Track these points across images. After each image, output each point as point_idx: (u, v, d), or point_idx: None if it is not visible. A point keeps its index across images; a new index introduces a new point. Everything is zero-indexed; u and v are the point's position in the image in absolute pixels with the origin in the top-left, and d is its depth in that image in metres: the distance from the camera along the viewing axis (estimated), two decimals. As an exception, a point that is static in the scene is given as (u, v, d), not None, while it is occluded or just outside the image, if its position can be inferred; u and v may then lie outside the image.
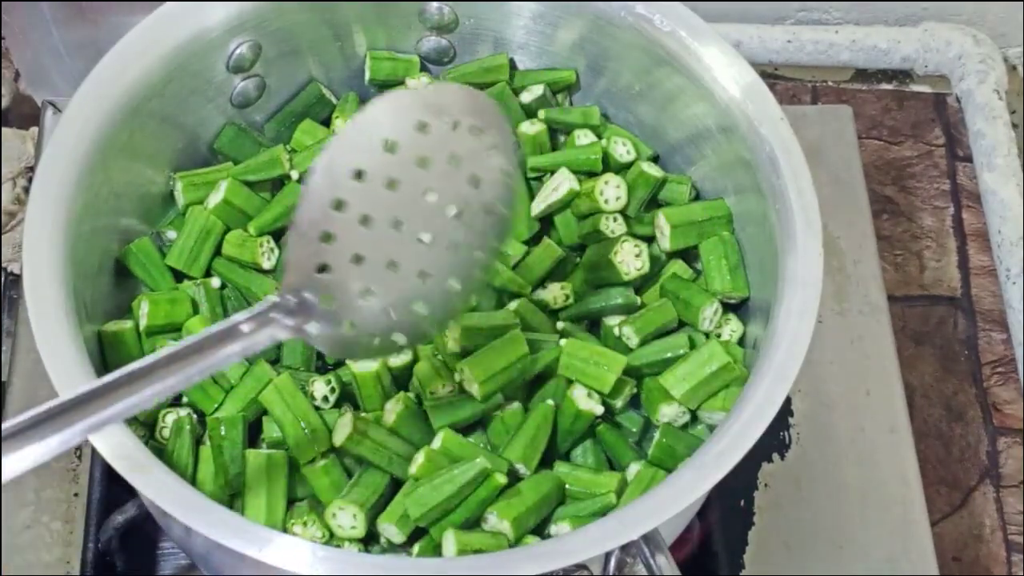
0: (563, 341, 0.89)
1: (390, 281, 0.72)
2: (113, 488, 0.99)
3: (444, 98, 0.71)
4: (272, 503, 0.84)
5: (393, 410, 0.86)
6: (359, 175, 0.69)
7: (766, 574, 1.01)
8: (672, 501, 0.75)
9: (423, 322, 0.76)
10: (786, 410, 1.07)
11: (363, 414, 0.87)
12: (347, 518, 0.83)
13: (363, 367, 0.87)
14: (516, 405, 0.88)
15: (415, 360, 0.89)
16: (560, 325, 0.93)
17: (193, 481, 0.85)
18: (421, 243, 0.73)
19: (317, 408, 0.88)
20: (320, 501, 0.85)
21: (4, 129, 1.29)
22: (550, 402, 0.88)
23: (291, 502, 0.86)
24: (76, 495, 1.00)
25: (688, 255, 0.96)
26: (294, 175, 0.96)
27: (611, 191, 0.94)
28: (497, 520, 0.82)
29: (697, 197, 0.98)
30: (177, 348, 0.68)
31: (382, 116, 0.69)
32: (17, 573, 0.97)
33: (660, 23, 0.93)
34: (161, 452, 0.85)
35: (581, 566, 0.73)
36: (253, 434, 0.89)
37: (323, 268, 0.71)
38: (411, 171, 0.71)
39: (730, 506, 1.03)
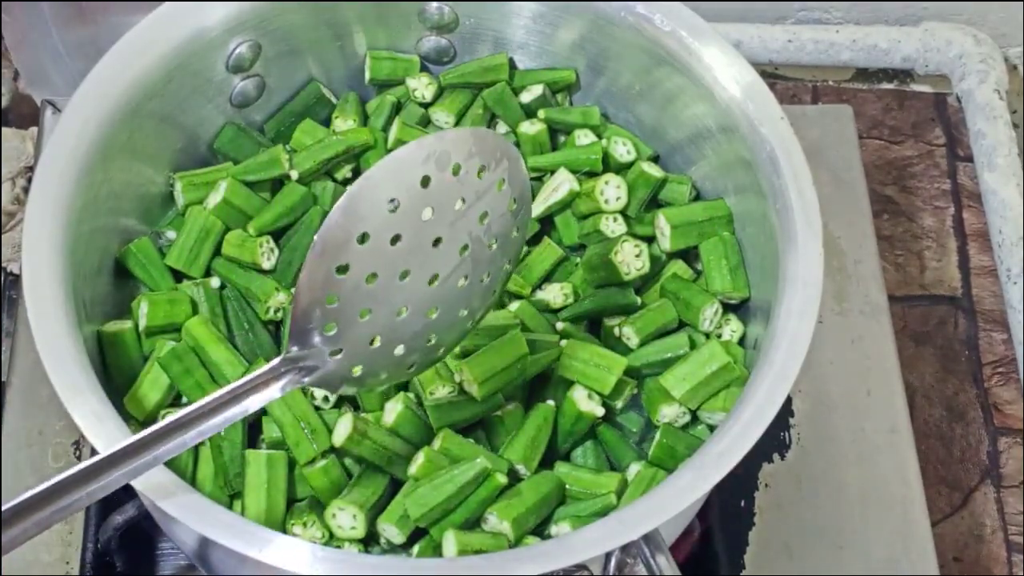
0: (563, 342, 0.89)
1: (398, 325, 0.75)
2: (113, 488, 0.98)
3: (444, 145, 0.71)
4: (272, 503, 0.84)
5: (393, 410, 0.86)
6: (363, 239, 0.70)
7: (766, 574, 1.01)
8: (672, 501, 0.75)
9: (433, 350, 0.78)
10: (786, 410, 1.07)
11: (363, 414, 0.86)
12: (347, 518, 0.83)
13: None
14: (515, 405, 0.88)
15: None
16: (560, 326, 0.92)
17: (193, 481, 0.85)
18: (430, 286, 0.74)
19: (317, 408, 0.88)
20: (320, 501, 0.85)
21: (4, 129, 1.29)
22: (550, 402, 0.88)
23: (291, 502, 0.85)
24: (76, 495, 1.00)
25: (688, 255, 0.96)
26: (294, 175, 0.96)
27: (611, 191, 0.94)
28: (497, 520, 0.82)
29: (697, 197, 0.98)
30: (192, 408, 0.72)
31: (384, 177, 0.70)
32: (17, 573, 0.97)
33: (660, 23, 0.93)
34: (161, 452, 0.85)
35: (581, 566, 0.73)
36: (253, 434, 0.88)
37: (329, 326, 0.72)
38: (416, 225, 0.72)
39: (730, 506, 1.03)
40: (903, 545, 1.02)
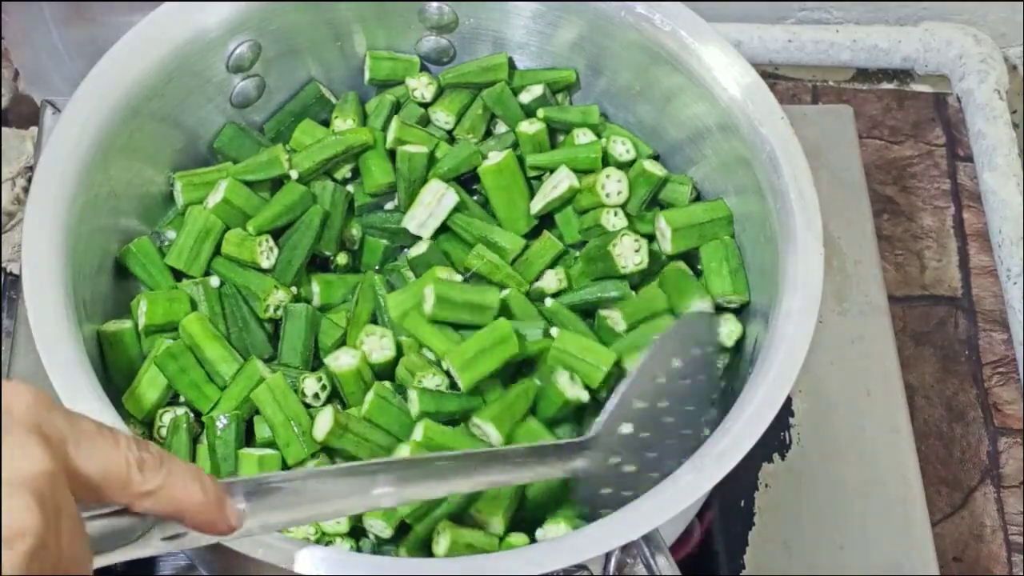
0: (555, 331, 0.89)
1: (646, 459, 0.82)
2: (113, 488, 0.98)
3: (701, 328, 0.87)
4: None
5: (367, 400, 0.86)
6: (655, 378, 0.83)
7: (766, 574, 1.01)
8: (672, 501, 0.75)
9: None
10: (786, 410, 1.07)
11: (346, 410, 0.86)
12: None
13: (342, 365, 0.87)
14: (497, 383, 0.88)
15: (399, 355, 0.89)
16: (549, 302, 0.92)
17: None
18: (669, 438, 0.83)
19: (308, 406, 0.88)
20: None
21: (4, 129, 1.29)
22: (535, 380, 0.87)
23: None
24: (76, 495, 1.00)
25: (689, 257, 0.96)
26: (293, 175, 0.95)
27: (612, 185, 0.94)
28: (484, 517, 0.82)
29: (698, 197, 0.98)
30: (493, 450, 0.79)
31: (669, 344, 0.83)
32: (17, 573, 0.97)
33: (660, 23, 0.93)
34: (160, 452, 0.85)
35: (581, 566, 0.73)
36: (250, 432, 0.88)
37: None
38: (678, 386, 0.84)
39: (730, 506, 1.03)
40: (903, 545, 1.02)
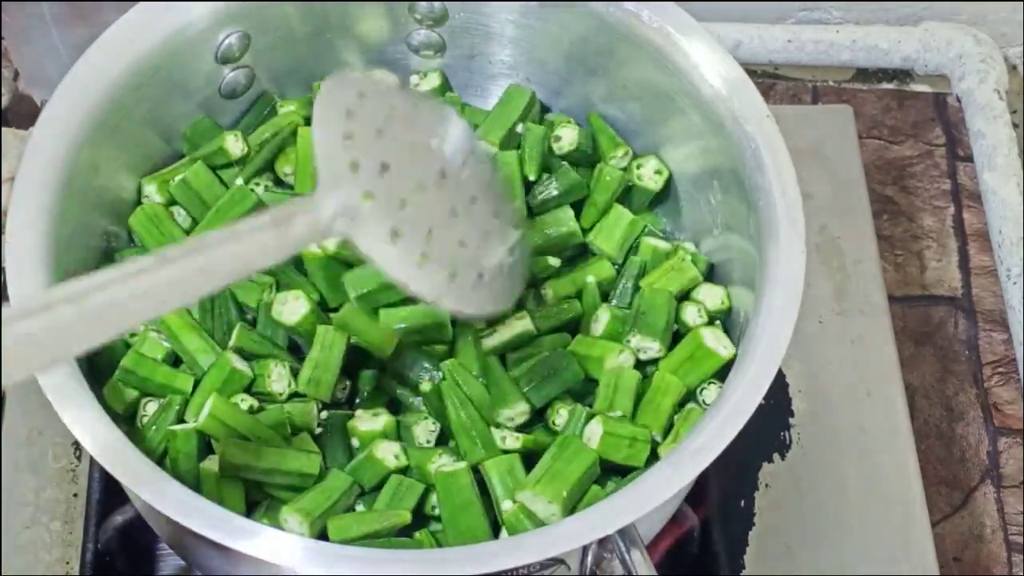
0: (599, 420, 0.87)
1: (422, 203, 0.71)
2: (113, 489, 0.99)
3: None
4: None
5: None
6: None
7: (766, 574, 1.01)
8: (648, 497, 0.75)
9: (473, 260, 0.74)
10: (787, 410, 1.07)
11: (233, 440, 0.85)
12: (295, 523, 0.82)
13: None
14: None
15: None
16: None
17: None
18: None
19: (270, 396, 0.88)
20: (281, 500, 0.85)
21: (4, 129, 1.29)
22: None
23: (251, 508, 0.85)
24: (76, 495, 1.00)
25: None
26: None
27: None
28: None
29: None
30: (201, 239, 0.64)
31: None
32: (17, 573, 0.97)
33: (648, 19, 0.93)
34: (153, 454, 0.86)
35: (559, 560, 0.73)
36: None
37: (353, 162, 0.68)
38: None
39: (730, 506, 1.03)
40: (903, 545, 1.02)
